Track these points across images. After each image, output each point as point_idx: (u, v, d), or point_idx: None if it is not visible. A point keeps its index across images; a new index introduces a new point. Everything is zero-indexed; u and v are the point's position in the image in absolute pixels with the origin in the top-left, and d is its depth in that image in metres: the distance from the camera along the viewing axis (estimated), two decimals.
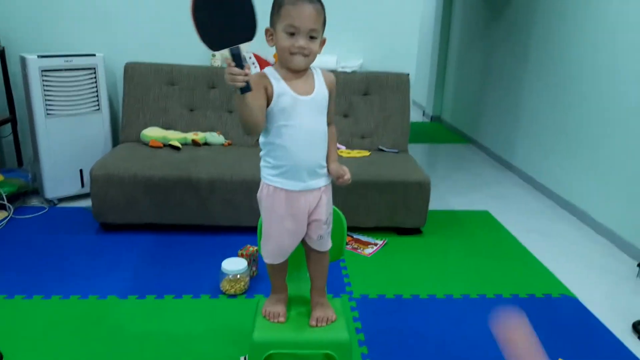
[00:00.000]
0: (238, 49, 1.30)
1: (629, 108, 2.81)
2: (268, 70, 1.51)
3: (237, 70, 1.30)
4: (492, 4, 4.84)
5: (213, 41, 1.32)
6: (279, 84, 1.48)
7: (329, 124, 1.65)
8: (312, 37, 1.46)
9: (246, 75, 1.31)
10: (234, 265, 2.17)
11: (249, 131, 1.53)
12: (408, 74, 3.29)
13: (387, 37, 3.38)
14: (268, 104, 1.49)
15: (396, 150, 3.18)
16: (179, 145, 2.95)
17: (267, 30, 1.52)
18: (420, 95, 6.72)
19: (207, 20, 1.26)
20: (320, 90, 1.55)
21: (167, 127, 3.11)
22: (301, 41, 1.45)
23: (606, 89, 3.03)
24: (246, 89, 1.33)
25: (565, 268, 2.57)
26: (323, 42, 1.55)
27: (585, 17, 3.26)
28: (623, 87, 2.87)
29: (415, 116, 6.49)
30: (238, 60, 1.30)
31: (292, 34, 1.45)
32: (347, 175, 1.61)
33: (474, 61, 5.30)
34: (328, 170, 1.64)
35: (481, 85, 5.06)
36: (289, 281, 1.79)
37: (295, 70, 1.49)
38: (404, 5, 3.32)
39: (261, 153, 1.62)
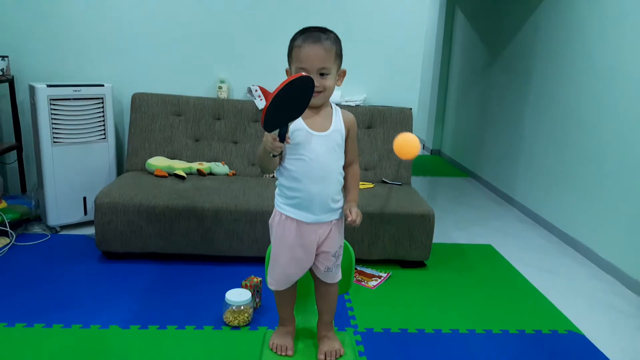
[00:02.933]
0: (287, 127, 1.40)
1: (631, 142, 2.85)
2: None
3: (279, 144, 1.39)
4: (490, 43, 4.96)
5: (270, 127, 1.37)
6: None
7: (351, 163, 1.68)
8: (323, 74, 1.50)
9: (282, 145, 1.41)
10: (237, 296, 2.14)
11: (265, 172, 1.56)
12: (411, 109, 3.35)
13: (390, 73, 3.45)
14: None
15: (399, 183, 3.20)
16: (184, 174, 2.97)
17: (286, 71, 1.58)
18: (421, 128, 6.80)
19: (275, 112, 1.32)
20: (337, 128, 1.58)
21: (172, 157, 3.13)
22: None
23: (606, 122, 3.08)
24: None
25: (571, 304, 2.55)
26: (343, 73, 1.58)
27: (584, 54, 3.34)
28: (623, 121, 2.92)
29: None
30: (283, 136, 1.39)
31: None
32: (351, 219, 1.59)
33: (473, 96, 5.39)
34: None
35: (481, 119, 5.14)
36: (296, 313, 1.78)
37: (312, 107, 1.51)
38: (406, 42, 3.40)
39: (276, 182, 1.65)
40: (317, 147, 1.53)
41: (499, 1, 4.81)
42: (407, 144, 1.49)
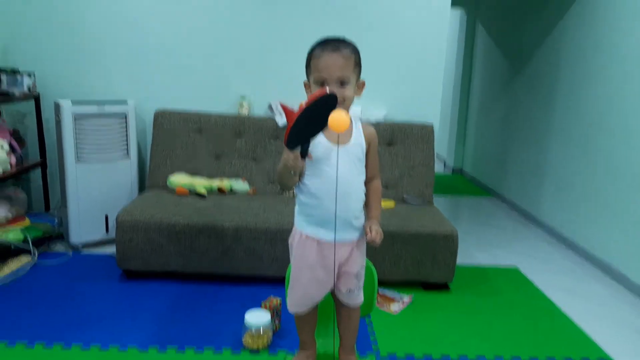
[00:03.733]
0: (309, 144, 1.41)
1: None
2: None
3: (301, 162, 1.40)
4: (513, 58, 4.90)
5: (294, 144, 1.37)
6: None
7: (372, 178, 1.64)
8: (342, 83, 1.47)
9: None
10: (257, 318, 2.10)
11: (285, 189, 1.55)
12: (432, 125, 3.30)
13: (411, 89, 3.41)
14: None
15: (421, 202, 3.14)
16: (205, 192, 2.96)
17: (305, 84, 1.55)
18: (442, 146, 6.73)
19: (299, 130, 1.32)
20: (357, 141, 1.55)
21: (193, 174, 3.13)
22: (332, 90, 1.46)
23: (638, 138, 2.98)
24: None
25: (601, 330, 2.44)
26: (362, 85, 1.56)
27: (612, 66, 3.26)
28: None
29: (437, 168, 6.46)
30: (305, 153, 1.40)
31: (322, 84, 1.47)
32: (370, 237, 1.55)
33: (495, 113, 5.32)
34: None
35: (504, 137, 5.05)
36: (317, 337, 1.73)
37: None
38: (427, 58, 3.37)
39: (296, 199, 1.61)
40: (338, 161, 1.50)
41: (521, 15, 4.76)
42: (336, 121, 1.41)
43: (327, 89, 1.36)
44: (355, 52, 1.52)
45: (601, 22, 3.41)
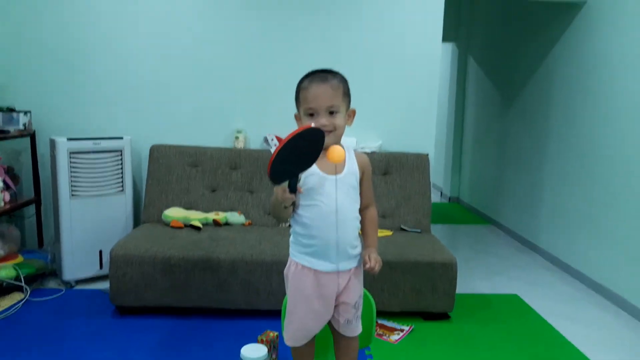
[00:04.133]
0: (297, 179, 1.40)
1: None
2: None
3: (290, 195, 1.39)
4: (504, 88, 4.98)
5: (277, 179, 1.37)
6: None
7: (367, 206, 1.64)
8: (332, 112, 1.48)
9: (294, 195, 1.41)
10: (253, 352, 2.05)
11: (279, 221, 1.54)
12: (427, 154, 3.32)
13: (405, 120, 3.45)
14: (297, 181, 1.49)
15: (419, 230, 3.12)
16: (200, 225, 2.94)
17: (295, 116, 1.57)
18: (437, 176, 6.75)
19: (281, 165, 1.31)
20: (351, 170, 1.55)
21: (188, 207, 3.12)
22: (322, 119, 1.47)
23: (632, 163, 2.99)
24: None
25: (603, 355, 2.40)
26: (352, 113, 1.56)
27: (603, 96, 3.31)
28: None
29: (433, 197, 6.45)
30: (293, 188, 1.39)
31: (312, 115, 1.48)
32: (369, 266, 1.53)
33: (490, 142, 5.36)
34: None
35: (499, 166, 5.08)
36: None
37: (324, 148, 1.50)
38: (421, 90, 3.42)
39: (291, 229, 1.59)
40: (331, 191, 1.50)
41: (511, 47, 4.86)
42: (335, 152, 1.43)
43: (313, 124, 1.37)
44: (344, 81, 1.54)
45: (591, 53, 3.48)
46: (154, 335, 2.42)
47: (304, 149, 1.32)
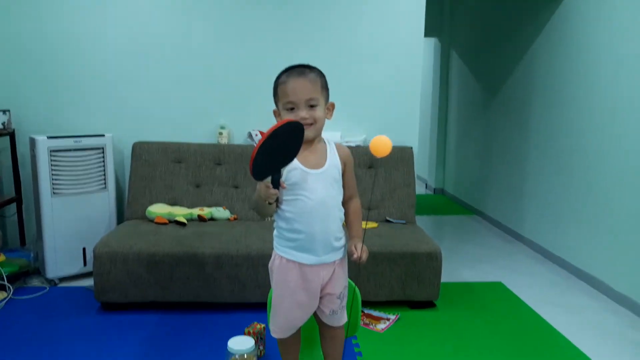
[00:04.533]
0: (279, 174, 1.41)
1: (637, 171, 2.81)
2: None
3: (274, 191, 1.40)
4: (487, 83, 5.02)
5: (260, 176, 1.37)
6: None
7: (351, 197, 1.65)
8: (312, 106, 1.49)
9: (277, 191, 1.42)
10: (240, 344, 2.04)
11: (263, 217, 1.55)
12: (411, 147, 3.34)
13: (389, 114, 3.46)
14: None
15: (404, 222, 3.14)
16: (185, 220, 2.93)
17: (274, 112, 1.58)
18: (422, 168, 6.80)
19: (263, 161, 1.31)
20: (333, 163, 1.55)
21: (172, 204, 3.10)
22: (302, 113, 1.47)
23: (610, 153, 3.05)
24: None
25: (587, 339, 2.44)
26: (331, 106, 1.57)
27: (583, 86, 3.36)
28: (628, 150, 2.89)
29: (418, 189, 6.49)
30: (276, 184, 1.40)
31: (292, 109, 1.49)
32: (356, 255, 1.55)
33: (474, 135, 5.41)
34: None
35: (483, 157, 5.13)
36: (301, 359, 1.69)
37: (305, 141, 1.50)
38: (404, 84, 3.44)
39: (275, 224, 1.60)
40: (314, 185, 1.50)
41: (494, 42, 4.90)
42: (381, 144, 1.49)
43: (292, 118, 1.37)
44: (321, 75, 1.55)
45: (571, 47, 3.53)
46: (140, 330, 2.41)
47: (284, 143, 1.33)
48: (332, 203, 1.55)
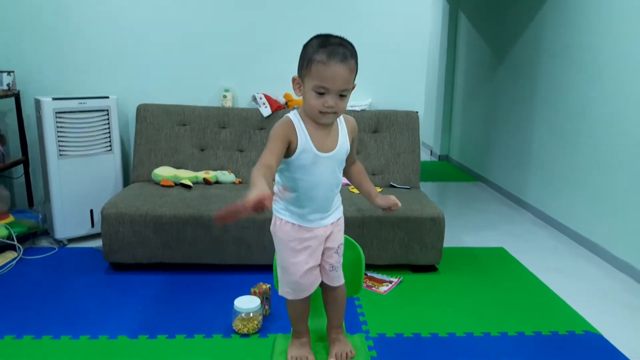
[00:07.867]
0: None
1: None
2: (295, 118, 1.47)
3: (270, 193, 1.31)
4: (495, 46, 4.93)
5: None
6: (303, 140, 1.46)
7: (353, 162, 1.66)
8: (342, 96, 1.42)
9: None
10: (246, 303, 2.11)
11: None
12: (417, 112, 3.32)
13: (395, 77, 3.43)
14: (289, 154, 1.46)
15: (408, 187, 3.16)
16: (190, 183, 2.95)
17: (294, 80, 1.46)
18: (427, 134, 6.77)
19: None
20: (343, 145, 1.54)
21: (178, 167, 3.12)
22: (331, 101, 1.40)
23: (617, 120, 3.03)
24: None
25: (586, 304, 2.48)
26: (352, 88, 1.47)
27: (591, 52, 3.31)
28: (634, 118, 2.87)
29: (423, 155, 6.49)
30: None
31: (322, 94, 1.40)
32: (396, 203, 1.65)
33: (480, 100, 5.36)
34: (377, 206, 1.68)
35: (488, 123, 5.10)
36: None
37: (323, 125, 1.48)
38: (410, 47, 3.39)
39: (275, 188, 1.58)
40: (322, 169, 1.51)
41: (502, 4, 4.79)
42: None
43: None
44: (357, 60, 1.44)
45: (580, 12, 3.45)
46: (148, 289, 2.47)
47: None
48: (335, 182, 1.58)
